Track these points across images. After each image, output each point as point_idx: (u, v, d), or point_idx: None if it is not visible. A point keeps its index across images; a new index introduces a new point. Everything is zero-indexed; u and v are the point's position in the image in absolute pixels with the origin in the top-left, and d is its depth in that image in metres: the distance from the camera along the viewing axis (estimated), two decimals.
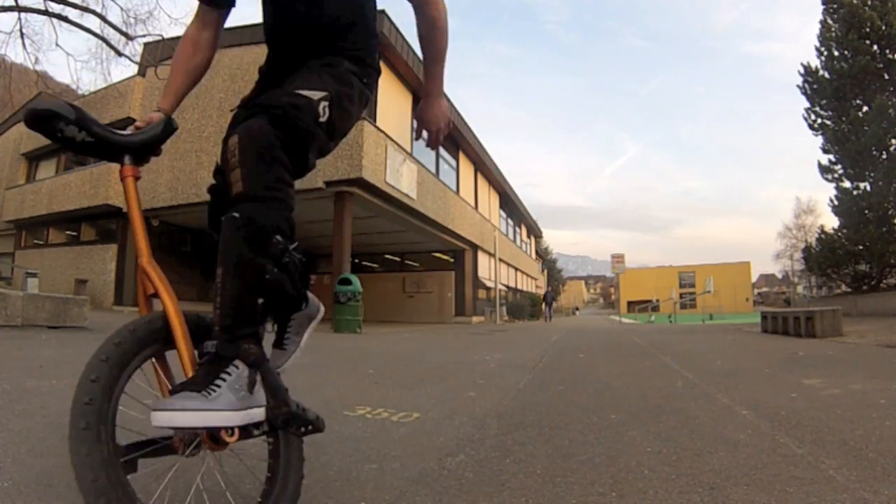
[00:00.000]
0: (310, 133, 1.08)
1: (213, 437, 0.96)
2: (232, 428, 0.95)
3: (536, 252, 39.71)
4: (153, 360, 1.04)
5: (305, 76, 1.14)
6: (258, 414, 0.98)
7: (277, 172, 1.03)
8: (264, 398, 1.00)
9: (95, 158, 1.15)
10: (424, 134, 1.37)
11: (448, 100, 1.61)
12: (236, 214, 1.00)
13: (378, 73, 1.32)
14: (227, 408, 0.92)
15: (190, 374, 0.99)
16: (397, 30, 12.09)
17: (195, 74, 1.28)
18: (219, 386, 0.93)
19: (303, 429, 1.08)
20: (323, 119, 1.10)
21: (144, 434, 0.98)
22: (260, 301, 1.03)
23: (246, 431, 0.99)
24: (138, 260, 1.07)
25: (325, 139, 1.14)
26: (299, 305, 1.12)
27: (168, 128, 1.19)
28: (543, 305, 28.59)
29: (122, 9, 13.46)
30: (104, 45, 12.68)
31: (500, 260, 23.54)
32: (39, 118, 1.00)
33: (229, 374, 0.96)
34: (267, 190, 1.01)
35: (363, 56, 1.26)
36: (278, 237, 1.02)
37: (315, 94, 1.09)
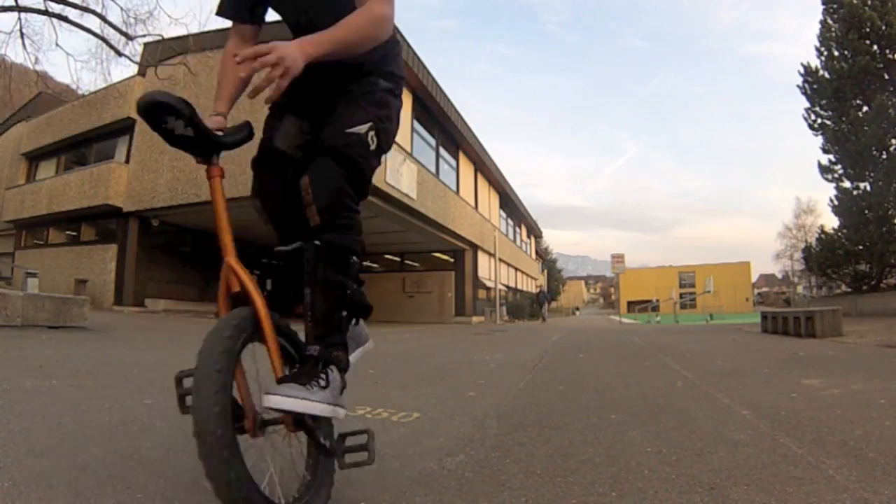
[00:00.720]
0: (367, 164, 1.23)
1: (298, 421, 1.11)
2: (318, 417, 1.10)
3: (536, 252, 39.71)
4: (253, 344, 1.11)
5: (350, 111, 1.26)
6: (342, 413, 1.14)
7: (346, 203, 1.18)
8: (346, 403, 1.17)
9: (185, 151, 1.19)
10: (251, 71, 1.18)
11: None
12: (318, 243, 1.16)
13: (404, 78, 1.42)
14: (323, 401, 1.08)
15: (277, 367, 1.12)
16: (396, 28, 12.09)
17: (242, 84, 1.36)
18: (318, 383, 1.09)
19: (346, 452, 1.21)
20: (373, 147, 1.24)
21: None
22: (344, 314, 1.19)
23: (318, 424, 1.14)
24: (224, 257, 1.13)
25: (377, 162, 1.29)
26: (369, 313, 1.27)
27: (251, 133, 1.28)
28: (535, 305, 27.52)
29: (122, 9, 13.43)
30: (104, 45, 12.68)
31: (500, 260, 23.54)
32: (155, 107, 1.08)
33: (325, 376, 1.12)
34: (340, 219, 1.17)
35: (393, 69, 1.38)
36: (354, 258, 1.20)
37: (362, 128, 1.22)
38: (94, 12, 12.02)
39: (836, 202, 16.22)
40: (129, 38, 12.49)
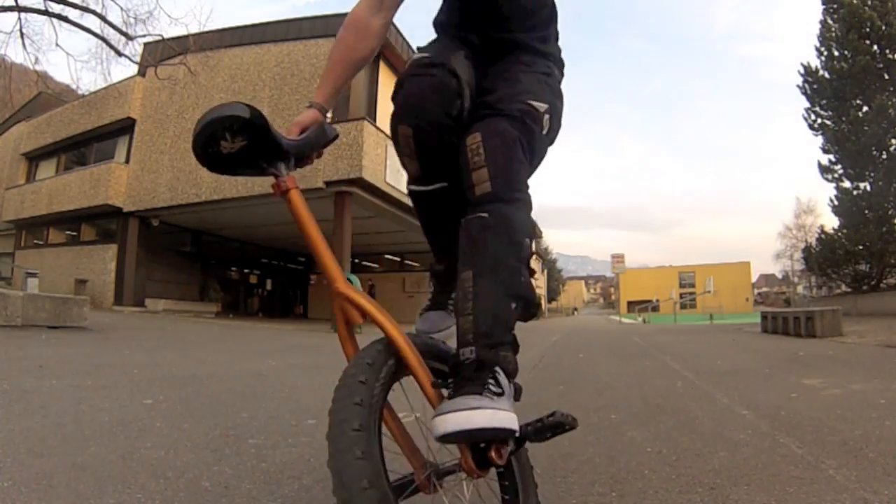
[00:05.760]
0: (540, 142, 1.03)
1: (479, 459, 0.83)
2: (505, 442, 0.83)
3: (536, 252, 39.70)
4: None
5: (530, 82, 1.05)
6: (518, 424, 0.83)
7: (523, 174, 0.97)
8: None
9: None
10: None
11: None
12: (485, 215, 0.91)
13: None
14: (510, 408, 0.80)
15: (433, 397, 0.87)
16: (397, 29, 12.09)
17: (356, 66, 1.08)
18: (490, 390, 0.80)
19: (551, 433, 0.89)
20: (545, 131, 1.03)
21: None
22: (513, 305, 0.91)
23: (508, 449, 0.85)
24: (333, 286, 0.90)
25: (545, 153, 1.09)
26: (537, 312, 1.03)
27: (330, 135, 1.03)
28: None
29: (122, 9, 13.34)
30: (104, 45, 12.67)
31: None
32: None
33: (495, 380, 0.83)
34: (517, 192, 0.95)
35: (562, 64, 1.20)
36: (528, 240, 0.95)
37: (542, 106, 1.02)
38: (94, 12, 12.03)
39: (836, 202, 16.22)
40: (129, 38, 12.49)
